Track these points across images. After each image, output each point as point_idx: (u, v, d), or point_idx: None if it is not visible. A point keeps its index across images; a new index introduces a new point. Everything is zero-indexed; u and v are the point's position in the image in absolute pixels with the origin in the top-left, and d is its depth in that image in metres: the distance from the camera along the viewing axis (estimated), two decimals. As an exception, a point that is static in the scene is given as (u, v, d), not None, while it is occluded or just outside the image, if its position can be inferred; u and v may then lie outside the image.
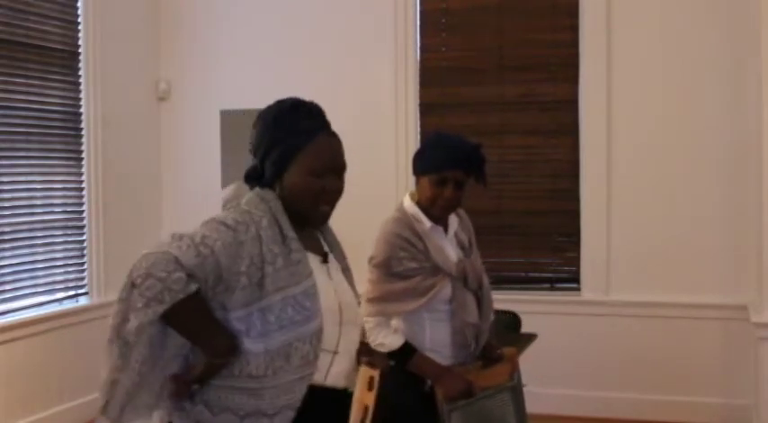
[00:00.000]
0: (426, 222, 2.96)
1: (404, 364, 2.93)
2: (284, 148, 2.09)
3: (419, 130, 5.72)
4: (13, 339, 4.88)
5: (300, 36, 5.89)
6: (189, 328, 1.95)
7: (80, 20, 5.46)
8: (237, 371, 1.97)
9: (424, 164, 2.97)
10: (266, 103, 2.22)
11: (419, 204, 2.98)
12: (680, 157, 5.30)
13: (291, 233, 2.06)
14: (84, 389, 5.41)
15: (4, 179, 4.98)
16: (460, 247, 3.07)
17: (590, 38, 5.42)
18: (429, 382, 2.98)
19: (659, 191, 5.34)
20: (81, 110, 5.50)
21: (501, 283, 5.63)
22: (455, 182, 2.90)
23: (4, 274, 4.96)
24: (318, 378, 2.05)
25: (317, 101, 2.24)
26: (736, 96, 5.14)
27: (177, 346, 2.00)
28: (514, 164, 5.63)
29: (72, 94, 5.45)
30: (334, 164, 2.14)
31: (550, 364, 5.34)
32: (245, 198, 2.12)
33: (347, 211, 5.91)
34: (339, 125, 2.23)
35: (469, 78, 5.66)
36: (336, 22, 5.83)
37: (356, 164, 6.29)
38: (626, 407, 5.33)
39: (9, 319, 4.92)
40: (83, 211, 5.53)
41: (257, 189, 2.14)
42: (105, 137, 5.60)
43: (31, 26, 5.12)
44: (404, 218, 2.97)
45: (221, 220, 2.01)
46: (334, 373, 2.09)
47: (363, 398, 2.13)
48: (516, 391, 3.24)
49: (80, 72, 5.49)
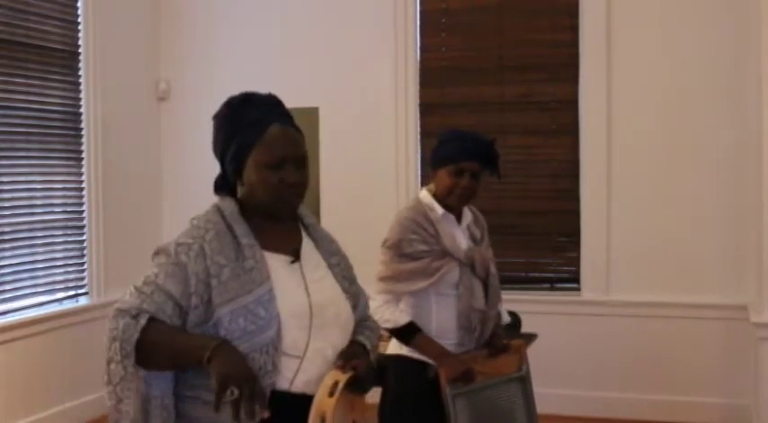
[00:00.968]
0: (439, 210, 3.12)
1: (407, 344, 3.08)
2: (237, 144, 2.02)
3: (419, 130, 5.71)
4: (13, 339, 4.88)
5: (300, 36, 5.89)
6: (164, 352, 1.88)
7: (80, 20, 5.47)
8: (198, 382, 1.93)
9: (441, 156, 3.13)
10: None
11: (435, 196, 3.14)
12: (680, 157, 5.30)
13: (247, 239, 1.99)
14: (84, 389, 5.41)
15: (4, 179, 4.98)
16: (472, 239, 3.22)
17: (590, 38, 5.42)
18: (433, 370, 3.06)
19: (659, 191, 5.34)
20: (81, 110, 5.50)
21: (501, 282, 5.58)
22: (471, 172, 3.08)
23: (4, 274, 4.96)
24: (283, 384, 1.95)
25: (317, 101, 2.24)
26: (736, 96, 5.14)
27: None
28: (514, 164, 5.62)
29: (72, 94, 5.45)
30: (289, 154, 2.04)
31: (550, 364, 5.34)
32: (202, 210, 2.09)
33: (348, 209, 5.92)
34: (339, 125, 2.24)
35: (469, 78, 5.66)
36: (336, 22, 5.83)
37: (356, 164, 6.30)
38: (626, 407, 5.33)
39: (9, 319, 4.92)
40: (83, 211, 5.53)
41: (217, 199, 2.08)
42: (105, 137, 5.60)
43: (31, 26, 5.13)
44: (418, 206, 3.14)
45: (163, 250, 1.98)
46: (302, 379, 1.96)
47: (322, 404, 1.89)
48: (525, 382, 3.29)
49: (80, 72, 5.49)
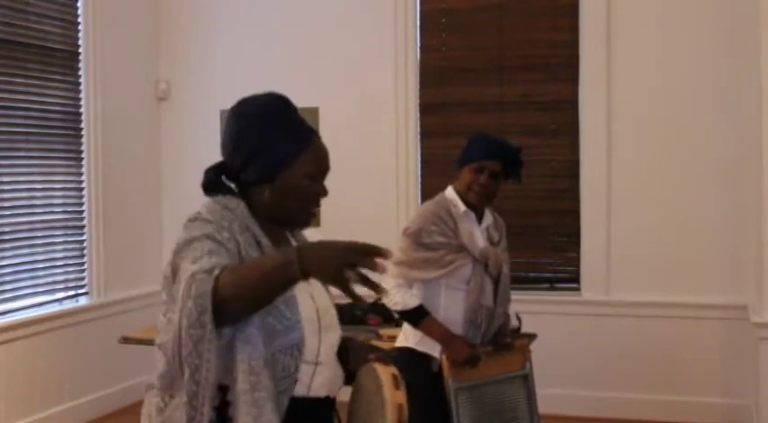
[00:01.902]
0: (461, 206, 3.27)
1: (415, 326, 3.22)
2: (283, 150, 1.95)
3: (419, 130, 5.71)
4: (13, 339, 4.88)
5: (300, 36, 5.89)
6: (251, 286, 1.73)
7: (80, 20, 5.47)
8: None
9: (465, 156, 3.31)
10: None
11: (458, 192, 3.30)
12: (680, 157, 5.30)
13: (265, 240, 1.94)
14: (85, 389, 5.42)
15: (4, 179, 4.98)
16: (490, 241, 3.34)
17: (590, 38, 5.42)
18: (437, 363, 3.16)
19: (659, 191, 5.34)
20: (81, 110, 5.50)
21: (501, 283, 5.64)
22: (491, 171, 3.22)
23: (4, 274, 4.96)
24: (301, 390, 1.93)
25: (317, 101, 2.24)
26: (736, 96, 5.15)
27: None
28: (514, 164, 5.63)
29: (72, 94, 5.46)
30: (327, 168, 2.03)
31: (550, 364, 5.33)
32: (203, 208, 1.97)
33: (348, 210, 5.91)
34: (339, 125, 2.24)
35: (469, 78, 5.66)
36: (336, 22, 5.83)
37: (356, 164, 6.30)
38: (626, 407, 5.33)
39: (9, 319, 4.92)
40: (83, 211, 5.53)
41: (219, 197, 1.98)
42: (105, 137, 5.60)
43: (31, 26, 5.13)
44: (442, 200, 3.30)
45: (191, 239, 1.86)
46: (317, 382, 1.96)
47: (395, 398, 1.88)
48: (528, 380, 3.36)
49: (80, 72, 5.49)
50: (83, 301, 5.51)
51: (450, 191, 3.33)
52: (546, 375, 5.36)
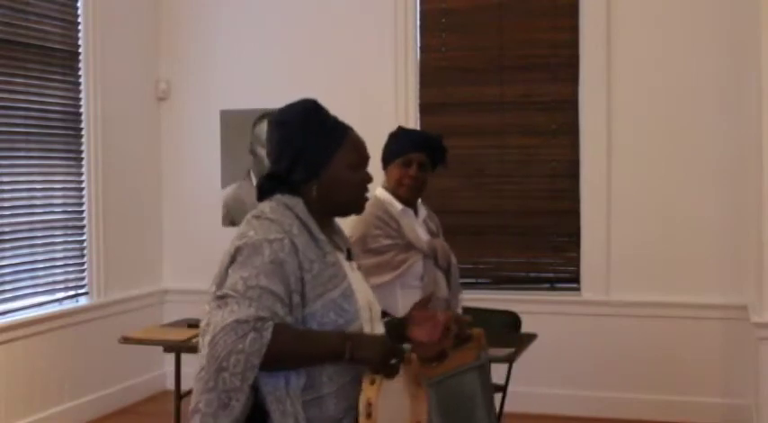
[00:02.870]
0: (398, 205, 3.30)
1: None
2: (322, 147, 2.11)
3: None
4: (13, 339, 4.88)
5: (300, 36, 5.89)
6: (300, 358, 1.95)
7: (80, 20, 5.46)
8: (301, 383, 1.99)
9: (390, 152, 3.34)
10: (266, 103, 2.24)
11: (389, 191, 3.33)
12: (680, 157, 5.30)
13: (321, 235, 2.08)
14: (85, 389, 5.42)
15: (4, 179, 4.98)
16: (429, 232, 3.38)
17: (590, 38, 5.41)
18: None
19: (659, 191, 5.34)
20: (81, 110, 5.50)
21: (501, 283, 5.64)
22: (418, 163, 3.27)
23: (4, 274, 4.96)
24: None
25: (316, 100, 2.25)
26: (736, 96, 5.14)
27: None
28: (514, 164, 5.63)
29: (72, 94, 5.45)
30: (367, 156, 2.21)
31: (550, 364, 5.34)
32: (266, 207, 2.10)
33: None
34: (339, 125, 2.24)
35: (469, 78, 5.66)
36: (336, 22, 5.83)
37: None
38: (626, 407, 5.33)
39: (9, 319, 4.92)
40: (83, 211, 5.53)
41: (278, 196, 2.11)
42: (105, 137, 5.60)
43: (31, 26, 5.13)
44: (377, 202, 3.29)
45: (253, 248, 1.98)
46: None
47: (367, 392, 2.00)
48: (483, 369, 3.38)
49: (80, 72, 5.49)
50: (83, 301, 5.51)
51: (382, 191, 3.33)
52: (546, 375, 5.39)
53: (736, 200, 5.15)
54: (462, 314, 3.55)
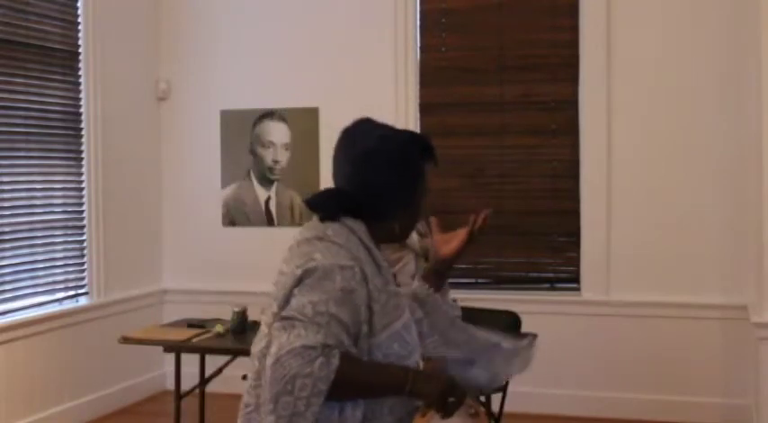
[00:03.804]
0: None
1: None
2: (416, 187, 2.08)
3: (419, 130, 5.71)
4: (13, 339, 4.88)
5: (300, 36, 5.89)
6: (362, 389, 1.91)
7: (80, 20, 5.46)
8: (358, 417, 1.96)
9: None
10: (266, 103, 2.22)
11: None
12: (680, 157, 5.30)
13: (384, 263, 2.03)
14: (85, 389, 5.42)
15: (4, 179, 4.98)
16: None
17: (590, 38, 5.41)
18: None
19: (659, 191, 5.34)
20: (81, 110, 5.50)
21: (501, 283, 5.64)
22: None
23: (4, 274, 4.96)
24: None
25: (317, 101, 2.26)
26: (736, 96, 5.14)
27: None
28: (514, 164, 5.63)
29: (72, 94, 5.45)
30: None
31: (550, 364, 5.34)
32: (328, 229, 2.01)
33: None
34: (339, 125, 2.23)
35: (469, 78, 5.66)
36: (336, 22, 5.83)
37: (356, 164, 6.09)
38: (626, 407, 5.33)
39: (9, 319, 4.92)
40: (83, 211, 5.53)
41: (343, 220, 2.02)
42: (105, 137, 5.60)
43: (31, 26, 5.13)
44: None
45: (324, 272, 1.91)
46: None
47: None
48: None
49: (80, 72, 5.49)
50: (83, 301, 5.51)
51: None
52: (546, 375, 5.38)
53: (736, 200, 5.15)
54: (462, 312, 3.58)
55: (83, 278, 5.53)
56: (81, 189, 5.52)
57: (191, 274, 6.09)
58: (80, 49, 5.47)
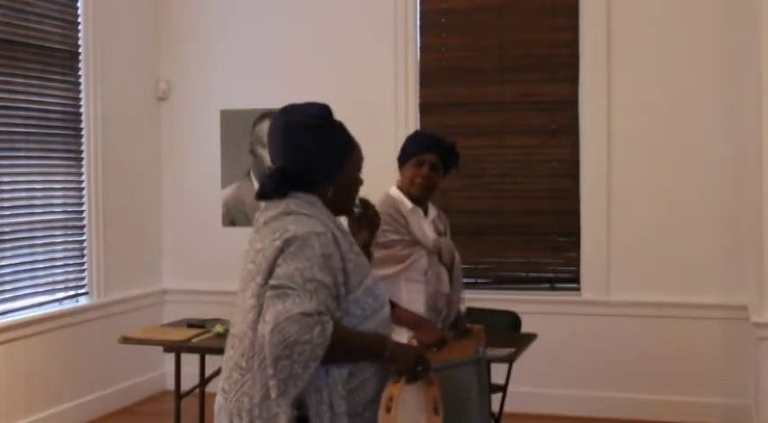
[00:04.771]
0: (408, 203, 3.44)
1: None
2: (345, 149, 2.23)
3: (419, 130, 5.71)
4: (13, 339, 4.88)
5: (300, 36, 5.89)
6: (350, 354, 2.10)
7: (80, 20, 5.46)
8: (344, 373, 2.12)
9: (405, 153, 3.50)
10: (266, 103, 2.26)
11: (401, 189, 3.48)
12: (680, 157, 5.30)
13: (344, 227, 2.23)
14: (85, 389, 5.42)
15: (4, 179, 4.98)
16: (437, 232, 3.51)
17: (590, 38, 5.41)
18: None
19: (659, 191, 5.34)
20: (81, 110, 5.50)
21: (501, 283, 5.64)
22: (431, 164, 3.41)
23: (4, 274, 4.96)
24: None
25: (316, 100, 2.27)
26: (736, 96, 5.14)
27: None
28: (514, 164, 5.63)
29: (72, 94, 5.45)
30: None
31: (550, 364, 5.34)
32: (289, 204, 2.16)
33: (347, 211, 5.75)
34: (339, 125, 2.24)
35: (469, 78, 5.66)
36: (336, 22, 5.83)
37: (356, 164, 6.10)
38: (626, 407, 5.33)
39: (9, 319, 4.92)
40: (83, 211, 5.53)
41: (299, 194, 2.18)
42: (105, 137, 5.60)
43: (31, 26, 5.13)
44: (389, 200, 3.44)
45: (303, 240, 2.07)
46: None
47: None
48: (480, 364, 3.51)
49: (80, 72, 5.49)
50: (83, 301, 5.51)
51: (395, 190, 3.49)
52: (546, 375, 5.39)
53: (736, 200, 5.15)
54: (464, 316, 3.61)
55: (83, 278, 5.53)
56: (81, 189, 5.52)
57: (191, 274, 6.09)
58: (80, 49, 5.47)
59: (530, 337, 4.29)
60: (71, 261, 5.45)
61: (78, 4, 5.45)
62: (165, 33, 6.16)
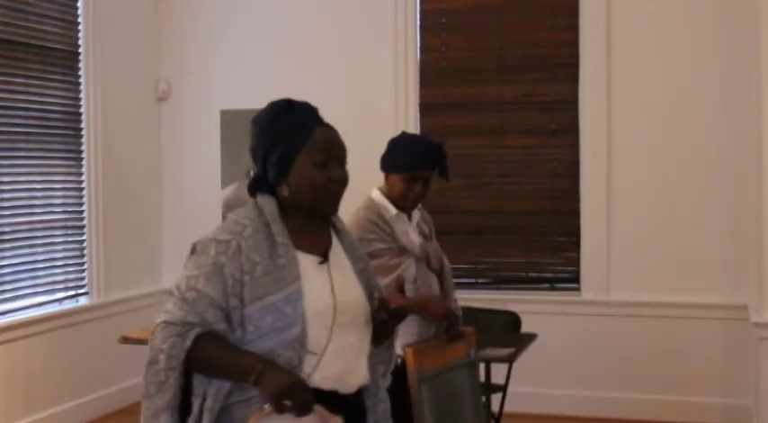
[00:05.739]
0: (392, 210, 3.28)
1: None
2: (286, 147, 2.11)
3: (419, 130, 5.71)
4: (13, 339, 4.88)
5: (300, 36, 5.89)
6: (212, 370, 2.02)
7: (80, 20, 5.46)
8: (225, 387, 2.05)
9: (395, 163, 3.29)
10: (266, 103, 2.23)
11: (387, 196, 3.30)
12: (680, 157, 5.30)
13: (282, 238, 2.07)
14: (85, 389, 5.42)
15: (4, 179, 4.98)
16: (422, 235, 3.40)
17: (590, 38, 5.42)
18: (398, 360, 3.15)
19: (659, 191, 5.34)
20: (81, 110, 5.50)
21: (501, 283, 5.65)
22: (424, 179, 3.25)
23: (4, 274, 4.96)
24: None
25: (317, 101, 2.25)
26: (736, 95, 5.15)
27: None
28: (514, 164, 5.63)
29: (72, 94, 5.45)
30: (335, 153, 2.16)
31: (550, 364, 5.34)
32: (243, 208, 2.17)
33: (348, 209, 5.89)
34: (339, 125, 2.24)
35: (469, 78, 5.66)
36: (336, 22, 5.83)
37: (356, 164, 6.28)
38: (626, 407, 5.33)
39: (9, 319, 4.92)
40: (83, 211, 5.53)
41: (258, 196, 2.15)
42: (105, 137, 5.60)
43: (31, 26, 5.13)
44: (372, 206, 3.28)
45: (202, 247, 2.08)
46: (319, 375, 2.05)
47: None
48: (472, 366, 3.47)
49: (80, 72, 5.49)
50: (83, 301, 5.51)
51: (378, 195, 3.31)
52: (546, 375, 5.38)
53: (736, 200, 5.15)
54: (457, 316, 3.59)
55: (83, 278, 5.53)
56: (81, 189, 5.52)
57: (191, 274, 6.09)
58: (80, 49, 5.47)
59: (530, 337, 4.28)
60: (71, 261, 5.45)
61: (78, 4, 5.45)
62: (165, 33, 6.16)
